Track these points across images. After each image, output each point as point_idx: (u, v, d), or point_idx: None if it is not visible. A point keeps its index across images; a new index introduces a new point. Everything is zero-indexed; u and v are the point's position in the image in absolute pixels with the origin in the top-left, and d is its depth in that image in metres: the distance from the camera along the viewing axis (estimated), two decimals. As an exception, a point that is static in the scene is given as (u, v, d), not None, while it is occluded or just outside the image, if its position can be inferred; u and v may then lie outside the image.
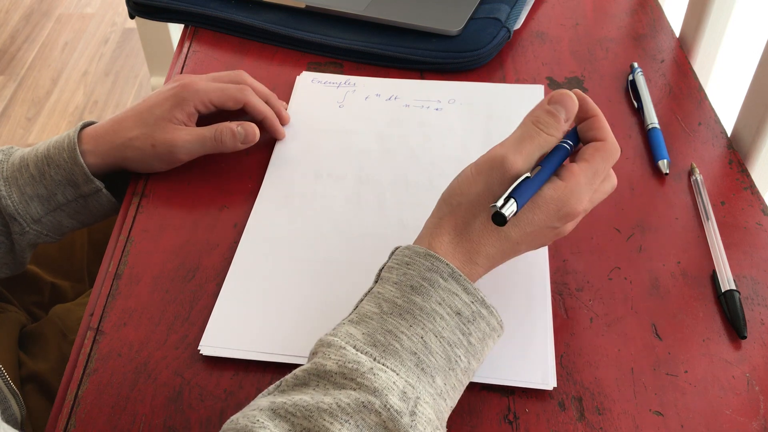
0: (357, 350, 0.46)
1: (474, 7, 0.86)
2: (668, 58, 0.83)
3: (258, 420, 0.43)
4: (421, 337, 0.47)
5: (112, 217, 0.71)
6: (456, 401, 0.49)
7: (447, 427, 0.49)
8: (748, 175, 0.69)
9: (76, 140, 0.66)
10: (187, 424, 0.53)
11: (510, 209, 0.48)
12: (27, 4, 2.57)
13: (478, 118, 0.75)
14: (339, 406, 0.43)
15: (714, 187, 0.68)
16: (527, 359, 0.55)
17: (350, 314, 0.49)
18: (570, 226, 0.54)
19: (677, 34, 0.87)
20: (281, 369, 0.55)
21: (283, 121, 0.74)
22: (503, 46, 0.84)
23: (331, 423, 0.42)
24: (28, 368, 0.72)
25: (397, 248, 0.52)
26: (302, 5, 0.88)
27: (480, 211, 0.50)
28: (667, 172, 0.69)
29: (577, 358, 0.55)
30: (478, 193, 0.50)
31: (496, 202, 0.48)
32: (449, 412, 0.48)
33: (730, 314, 0.57)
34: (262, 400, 0.45)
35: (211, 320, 0.58)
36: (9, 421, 0.61)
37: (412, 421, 0.43)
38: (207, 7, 0.89)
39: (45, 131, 2.07)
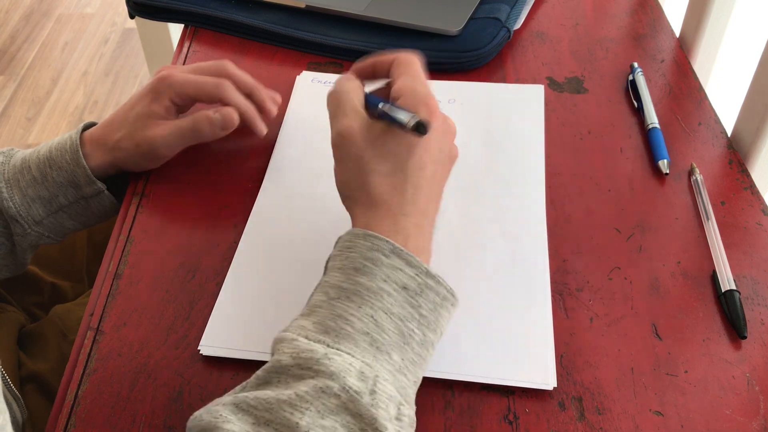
0: (309, 340, 0.46)
1: (474, 7, 0.86)
2: (668, 58, 0.83)
3: (221, 414, 0.43)
4: (371, 317, 0.47)
5: (114, 219, 0.71)
6: (420, 376, 0.49)
7: (447, 428, 0.49)
8: (748, 175, 0.69)
9: (78, 142, 0.66)
10: (187, 424, 0.52)
11: (414, 118, 0.50)
12: (27, 4, 2.57)
13: (479, 118, 0.75)
14: (298, 395, 0.43)
15: (714, 187, 0.68)
16: (527, 359, 0.55)
17: (306, 304, 0.50)
18: (449, 124, 0.56)
19: (677, 34, 0.87)
20: (281, 369, 0.55)
21: (268, 115, 0.72)
22: (503, 46, 0.84)
23: (292, 413, 0.42)
24: (28, 368, 0.72)
25: (339, 237, 0.52)
26: (302, 5, 0.88)
27: (368, 175, 0.52)
28: (667, 172, 0.69)
29: (577, 358, 0.55)
30: (351, 167, 0.53)
31: (408, 122, 0.50)
32: (414, 388, 0.48)
33: (730, 314, 0.57)
34: (225, 397, 0.46)
35: (210, 320, 0.58)
36: (11, 423, 0.61)
37: (372, 399, 0.44)
38: (207, 7, 0.89)
39: (45, 131, 2.07)
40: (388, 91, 0.56)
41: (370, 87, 0.59)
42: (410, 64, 0.56)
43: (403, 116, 0.51)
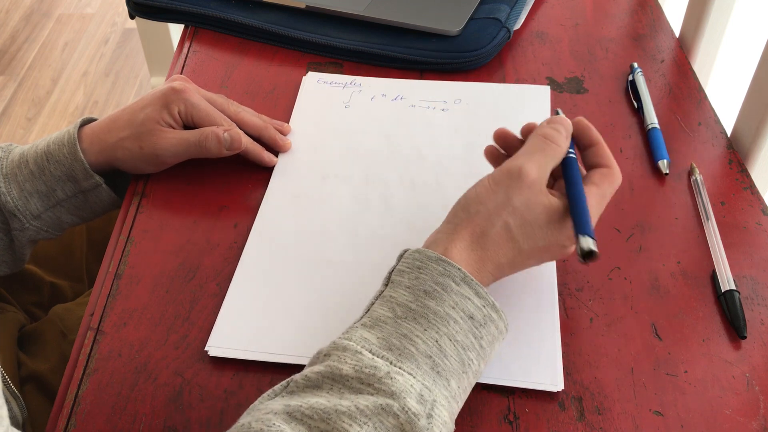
0: (373, 354, 0.46)
1: (474, 7, 0.86)
2: (668, 58, 0.83)
3: (274, 424, 0.43)
4: (436, 341, 0.47)
5: (112, 217, 0.71)
6: (464, 402, 0.49)
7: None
8: (748, 175, 0.69)
9: (76, 136, 0.66)
10: (187, 424, 0.53)
11: (594, 244, 0.50)
12: (27, 4, 2.57)
13: (485, 119, 0.75)
14: (358, 409, 0.43)
15: (714, 187, 0.68)
16: (535, 360, 0.55)
17: (362, 318, 0.49)
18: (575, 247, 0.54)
19: (677, 34, 0.87)
20: (281, 369, 0.55)
21: (282, 150, 0.72)
22: (503, 46, 0.84)
23: (350, 425, 0.42)
24: (28, 368, 0.72)
25: (405, 251, 0.52)
26: (302, 5, 0.88)
27: (497, 220, 0.51)
28: (667, 172, 0.69)
29: (577, 358, 0.55)
30: (497, 202, 0.52)
31: (580, 244, 0.50)
32: (458, 413, 0.49)
33: (730, 314, 0.57)
34: (275, 404, 0.45)
35: (218, 321, 0.58)
36: (11, 423, 0.61)
37: (429, 423, 0.44)
38: (207, 7, 0.89)
39: (45, 131, 2.07)
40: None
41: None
42: (616, 180, 0.56)
43: (581, 224, 0.51)
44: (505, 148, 0.60)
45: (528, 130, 0.58)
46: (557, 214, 0.52)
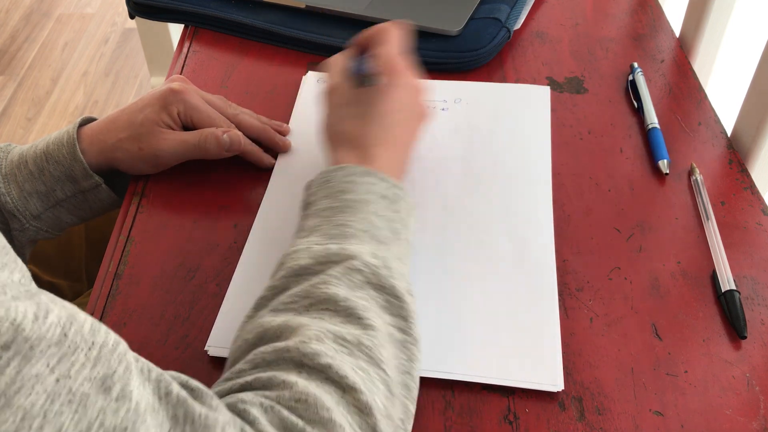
0: (321, 245, 0.51)
1: (474, 7, 0.86)
2: (668, 58, 0.83)
3: (265, 321, 0.48)
4: (365, 219, 0.53)
5: (111, 217, 0.71)
6: (408, 268, 0.54)
7: (447, 428, 0.49)
8: (748, 175, 0.69)
9: (75, 136, 0.66)
10: (187, 424, 0.52)
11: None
12: (27, 4, 2.57)
13: (485, 118, 0.75)
14: (328, 275, 0.49)
15: (714, 187, 0.68)
16: (535, 360, 0.55)
17: (296, 234, 0.55)
18: (415, 84, 0.63)
19: (677, 34, 0.87)
20: (281, 369, 0.55)
21: (282, 151, 0.73)
22: (503, 46, 0.84)
23: (327, 287, 0.48)
24: (28, 368, 0.72)
25: (310, 181, 0.58)
26: (302, 5, 0.88)
27: (340, 119, 0.61)
28: (667, 172, 0.69)
29: (577, 358, 0.55)
30: (328, 113, 0.62)
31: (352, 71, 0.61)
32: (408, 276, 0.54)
33: (730, 314, 0.57)
34: (255, 318, 0.50)
35: (217, 321, 0.58)
36: None
37: (389, 272, 0.50)
38: (207, 7, 0.89)
39: (45, 131, 2.07)
40: None
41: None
42: (388, 31, 0.63)
43: (361, 70, 0.61)
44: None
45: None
46: (365, 87, 0.62)
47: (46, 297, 0.34)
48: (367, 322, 0.47)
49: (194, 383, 0.41)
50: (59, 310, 0.33)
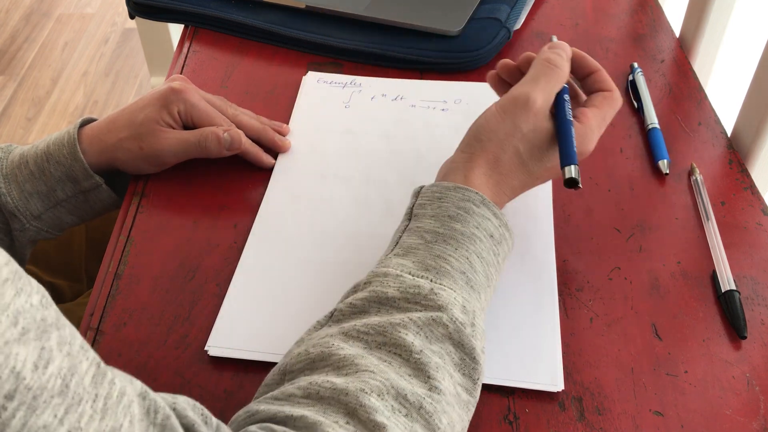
0: (413, 276, 0.49)
1: (474, 7, 0.86)
2: (668, 58, 0.83)
3: (333, 344, 0.46)
4: (467, 258, 0.51)
5: (111, 217, 0.71)
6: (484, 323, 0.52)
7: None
8: (748, 175, 0.69)
9: (75, 136, 0.66)
10: (187, 424, 0.52)
11: (576, 172, 0.54)
12: (27, 4, 2.57)
13: None
14: (411, 320, 0.46)
15: (714, 187, 0.68)
16: (535, 361, 0.55)
17: (393, 249, 0.53)
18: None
19: (677, 34, 0.87)
20: (281, 369, 0.55)
21: (281, 151, 0.72)
22: (503, 46, 0.84)
23: (406, 334, 0.46)
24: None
25: (421, 188, 0.56)
26: (302, 5, 0.88)
27: (508, 146, 0.55)
28: (667, 172, 0.69)
29: (577, 358, 0.55)
30: (506, 130, 0.55)
31: (565, 168, 0.54)
32: None
33: (730, 314, 0.57)
34: (326, 330, 0.48)
35: (217, 321, 0.58)
36: None
37: (472, 331, 0.48)
38: (207, 7, 0.89)
39: (45, 131, 2.07)
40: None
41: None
42: (616, 103, 0.59)
43: (565, 156, 0.54)
44: (507, 77, 0.63)
45: (527, 60, 0.60)
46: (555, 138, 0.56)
47: (56, 339, 0.32)
48: (434, 383, 0.45)
49: (209, 419, 0.40)
50: (61, 360, 0.32)
